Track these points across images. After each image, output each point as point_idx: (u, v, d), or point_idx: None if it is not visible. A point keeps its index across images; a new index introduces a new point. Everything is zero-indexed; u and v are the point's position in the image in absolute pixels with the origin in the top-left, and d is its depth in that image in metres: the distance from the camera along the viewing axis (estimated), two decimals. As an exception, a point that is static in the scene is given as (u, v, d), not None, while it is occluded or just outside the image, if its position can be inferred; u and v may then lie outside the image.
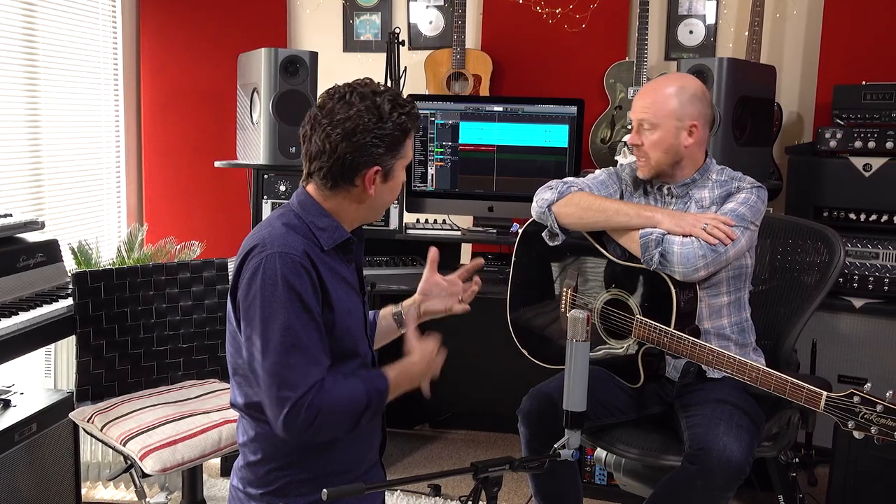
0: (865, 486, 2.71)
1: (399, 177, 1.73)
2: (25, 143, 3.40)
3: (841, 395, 1.90)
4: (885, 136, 3.14)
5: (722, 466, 2.05)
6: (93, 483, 3.16)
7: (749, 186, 2.32)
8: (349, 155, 1.63)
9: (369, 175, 1.66)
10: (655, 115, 2.29)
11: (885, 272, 3.13)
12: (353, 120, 1.62)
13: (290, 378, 1.56)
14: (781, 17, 3.81)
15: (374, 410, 1.67)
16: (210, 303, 2.82)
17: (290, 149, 3.37)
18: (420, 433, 3.76)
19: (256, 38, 3.96)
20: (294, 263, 1.59)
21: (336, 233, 1.70)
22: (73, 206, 3.71)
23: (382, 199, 1.74)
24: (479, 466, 1.58)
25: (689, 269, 2.18)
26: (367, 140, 1.62)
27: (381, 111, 1.63)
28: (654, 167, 2.34)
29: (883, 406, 1.85)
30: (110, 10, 3.96)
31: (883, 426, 1.85)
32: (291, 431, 1.57)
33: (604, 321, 2.37)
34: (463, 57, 3.85)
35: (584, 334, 1.71)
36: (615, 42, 3.90)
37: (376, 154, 1.64)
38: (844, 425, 1.90)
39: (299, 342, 1.58)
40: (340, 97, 1.64)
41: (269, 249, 1.61)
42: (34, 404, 2.60)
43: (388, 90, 1.67)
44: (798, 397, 1.98)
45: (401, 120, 1.66)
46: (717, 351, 2.12)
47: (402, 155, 1.70)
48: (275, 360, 1.57)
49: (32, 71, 3.44)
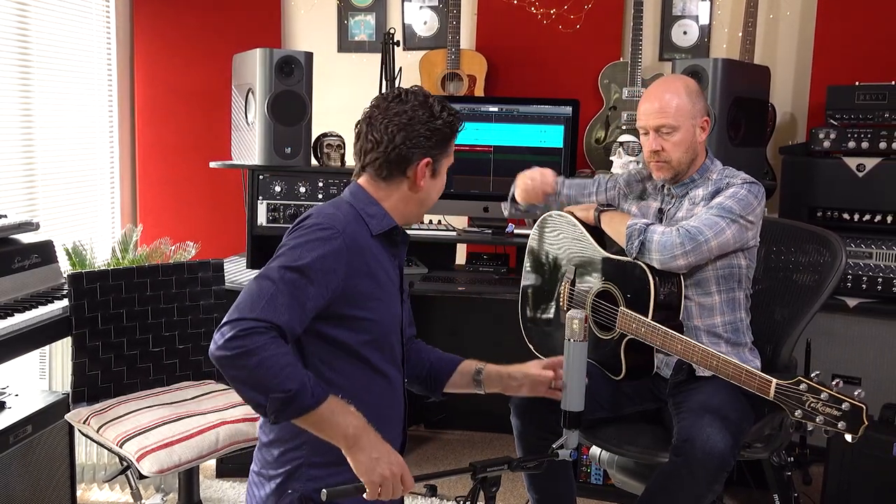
0: (859, 485, 2.73)
1: (443, 175, 1.83)
2: (19, 144, 3.39)
3: (789, 383, 1.89)
4: (879, 137, 3.16)
5: (705, 457, 2.06)
6: (88, 485, 3.15)
7: (740, 182, 2.34)
8: (404, 145, 1.73)
9: (421, 166, 1.75)
10: (675, 118, 2.31)
11: (879, 272, 3.14)
12: (408, 114, 1.73)
13: (262, 304, 1.56)
14: (775, 18, 3.83)
15: (286, 403, 1.52)
16: (206, 303, 2.81)
17: (285, 149, 3.37)
18: (415, 433, 3.76)
19: (250, 38, 3.95)
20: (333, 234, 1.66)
21: (384, 220, 1.76)
22: (67, 207, 3.70)
23: (430, 195, 1.82)
24: (478, 466, 1.58)
25: (667, 255, 2.22)
26: (422, 131, 1.73)
27: (433, 109, 1.75)
28: (675, 168, 2.36)
29: (828, 395, 1.82)
30: (104, 10, 3.95)
31: (828, 415, 1.82)
32: (218, 341, 1.54)
33: (595, 314, 2.41)
34: (458, 57, 3.85)
35: (581, 334, 1.71)
36: (609, 43, 3.91)
37: (428, 146, 1.75)
38: (793, 414, 1.88)
39: (295, 285, 1.59)
40: (395, 97, 1.76)
41: (316, 218, 1.70)
42: (29, 406, 2.59)
43: (435, 96, 1.79)
44: (752, 385, 2.00)
45: (450, 119, 1.77)
46: (685, 340, 2.15)
47: (448, 153, 1.81)
48: (258, 285, 1.60)
49: (26, 71, 3.43)
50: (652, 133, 2.34)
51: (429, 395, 1.99)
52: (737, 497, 3.09)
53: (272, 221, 3.43)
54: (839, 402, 1.82)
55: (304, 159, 3.43)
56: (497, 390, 1.95)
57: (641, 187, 2.53)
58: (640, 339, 2.23)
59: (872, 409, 2.75)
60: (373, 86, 3.62)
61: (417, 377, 1.98)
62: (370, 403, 1.69)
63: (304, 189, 3.42)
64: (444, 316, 3.71)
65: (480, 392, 1.95)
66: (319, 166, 3.54)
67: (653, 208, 2.47)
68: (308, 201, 3.42)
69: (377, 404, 1.74)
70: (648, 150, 2.37)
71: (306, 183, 3.41)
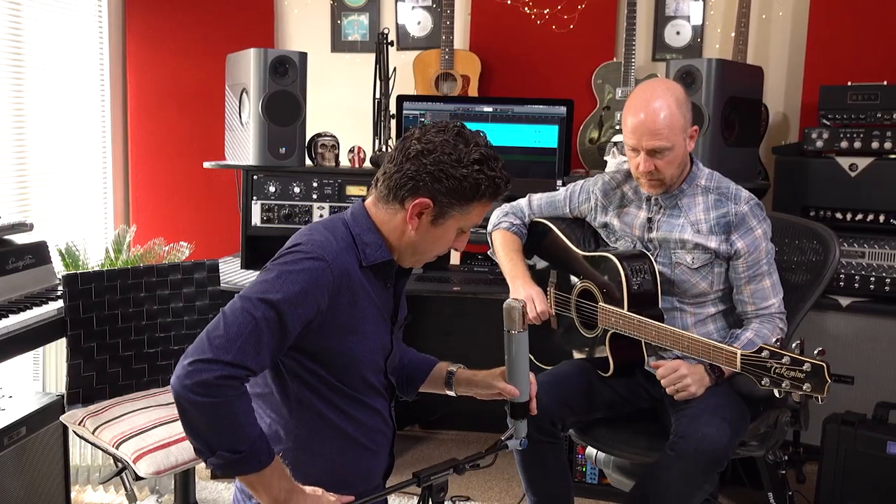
0: (853, 483, 2.74)
1: (449, 233, 1.64)
2: (11, 144, 3.37)
3: (752, 352, 1.93)
4: (871, 137, 3.17)
5: (699, 452, 2.08)
6: (82, 486, 3.14)
7: (748, 209, 2.31)
8: (411, 172, 1.58)
9: (417, 204, 1.58)
10: (668, 138, 2.21)
11: (872, 271, 3.16)
12: (434, 144, 1.57)
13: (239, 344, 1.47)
14: (767, 19, 3.85)
15: (231, 463, 1.48)
16: (201, 304, 2.81)
17: (279, 149, 3.36)
18: (411, 434, 3.76)
19: (243, 38, 3.95)
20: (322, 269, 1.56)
21: (378, 252, 1.64)
22: (60, 208, 3.68)
23: (423, 243, 1.65)
24: (422, 476, 1.55)
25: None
26: (433, 169, 1.56)
27: (464, 155, 1.57)
28: (669, 183, 2.32)
29: (790, 358, 1.86)
30: (96, 10, 3.94)
31: (793, 379, 1.85)
32: (185, 379, 1.44)
33: (579, 313, 2.42)
34: (451, 57, 3.85)
35: (520, 325, 1.65)
36: (603, 43, 3.92)
37: (436, 189, 1.57)
38: (760, 382, 1.92)
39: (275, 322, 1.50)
40: (442, 127, 1.61)
41: (307, 246, 1.58)
42: (23, 408, 2.57)
43: (487, 147, 1.60)
44: (719, 359, 2.05)
45: (478, 177, 1.57)
46: (656, 325, 2.18)
47: (464, 211, 1.61)
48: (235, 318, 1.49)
49: (18, 71, 3.41)
50: (643, 154, 2.24)
51: (402, 395, 1.94)
52: (732, 496, 3.11)
53: (266, 222, 3.43)
54: (800, 364, 1.86)
55: (298, 159, 3.43)
56: (468, 394, 1.87)
57: (619, 194, 2.46)
58: (620, 331, 2.25)
59: (866, 407, 2.79)
60: (367, 86, 3.62)
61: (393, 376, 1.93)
62: (349, 434, 1.68)
63: (298, 189, 3.41)
64: (438, 316, 3.71)
65: (452, 395, 1.89)
66: (314, 166, 3.53)
67: (640, 218, 2.41)
68: (302, 201, 3.41)
69: (358, 434, 1.70)
70: (640, 170, 2.27)
71: (300, 183, 3.41)
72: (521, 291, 2.40)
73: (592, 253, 2.39)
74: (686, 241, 2.32)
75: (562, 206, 2.58)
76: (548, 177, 3.36)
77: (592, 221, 2.54)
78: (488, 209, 1.65)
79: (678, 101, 2.24)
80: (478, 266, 3.48)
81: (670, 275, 2.34)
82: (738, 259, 2.30)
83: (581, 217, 2.57)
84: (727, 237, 2.30)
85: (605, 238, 2.51)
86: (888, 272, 3.14)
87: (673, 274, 2.34)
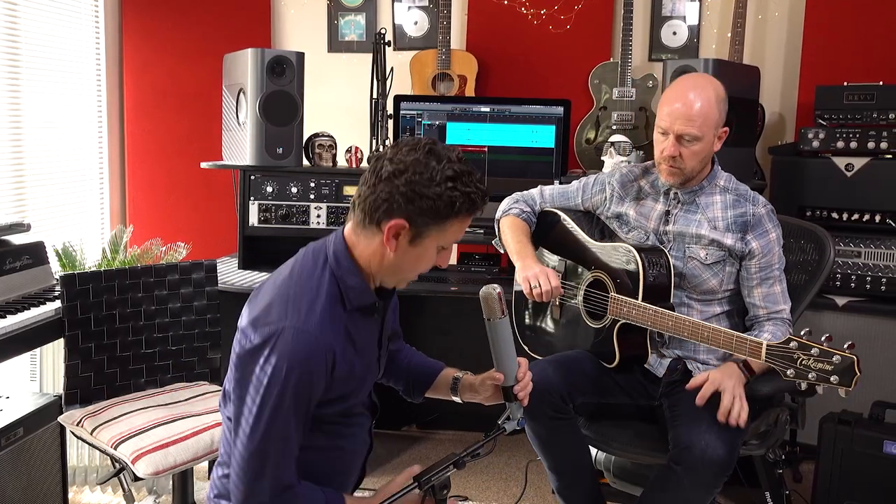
0: (850, 481, 2.75)
1: (429, 251, 1.60)
2: (8, 145, 3.37)
3: (779, 343, 1.93)
4: (867, 137, 3.19)
5: (706, 464, 2.07)
6: (79, 487, 3.14)
7: (765, 213, 2.34)
8: (384, 194, 1.53)
9: (392, 226, 1.54)
10: (701, 128, 2.22)
11: (868, 271, 3.17)
12: (405, 164, 1.53)
13: (268, 468, 1.52)
14: (763, 19, 3.86)
15: None
16: (199, 304, 2.80)
17: (276, 149, 3.36)
18: (408, 434, 3.76)
19: (240, 38, 3.94)
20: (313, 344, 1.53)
21: (363, 296, 1.62)
22: (56, 208, 3.68)
23: (403, 264, 1.61)
24: (422, 480, 1.55)
25: None
26: (406, 190, 1.52)
27: (436, 173, 1.53)
28: (687, 175, 2.32)
29: (819, 349, 1.86)
30: (93, 10, 3.93)
31: (820, 371, 1.85)
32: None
33: (587, 303, 2.42)
34: (448, 58, 3.85)
35: (500, 312, 1.64)
36: (599, 43, 3.93)
37: (409, 210, 1.53)
38: (785, 374, 1.92)
39: (289, 432, 1.53)
40: (413, 145, 1.56)
41: (288, 324, 1.53)
42: (20, 409, 2.57)
43: (461, 163, 1.56)
44: (742, 350, 2.04)
45: (451, 194, 1.53)
46: (676, 316, 2.17)
47: (441, 229, 1.57)
48: (258, 447, 1.52)
49: (15, 71, 3.40)
50: (672, 138, 2.25)
51: (409, 398, 1.95)
52: (729, 495, 3.11)
53: (264, 222, 3.43)
54: (830, 356, 1.85)
55: (295, 159, 3.43)
56: (473, 400, 1.86)
57: (636, 187, 2.48)
58: (631, 321, 2.24)
59: (862, 407, 2.80)
60: (364, 86, 3.63)
61: (398, 379, 1.95)
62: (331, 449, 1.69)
63: (295, 189, 3.41)
64: (436, 315, 3.71)
65: (458, 401, 1.87)
66: (311, 166, 3.53)
67: (657, 211, 2.42)
68: (299, 202, 3.41)
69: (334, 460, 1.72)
70: (664, 154, 2.28)
71: (298, 183, 3.41)
72: (532, 268, 2.38)
73: (607, 243, 2.38)
74: (702, 236, 2.33)
75: (574, 197, 2.59)
76: (545, 177, 3.35)
77: (605, 212, 2.53)
78: (468, 224, 1.63)
79: (718, 96, 2.27)
80: (475, 266, 3.49)
81: (682, 268, 2.34)
82: (751, 259, 2.32)
83: (591, 210, 2.57)
84: (743, 236, 2.32)
85: (617, 229, 2.50)
86: (884, 272, 3.15)
87: (685, 268, 2.34)
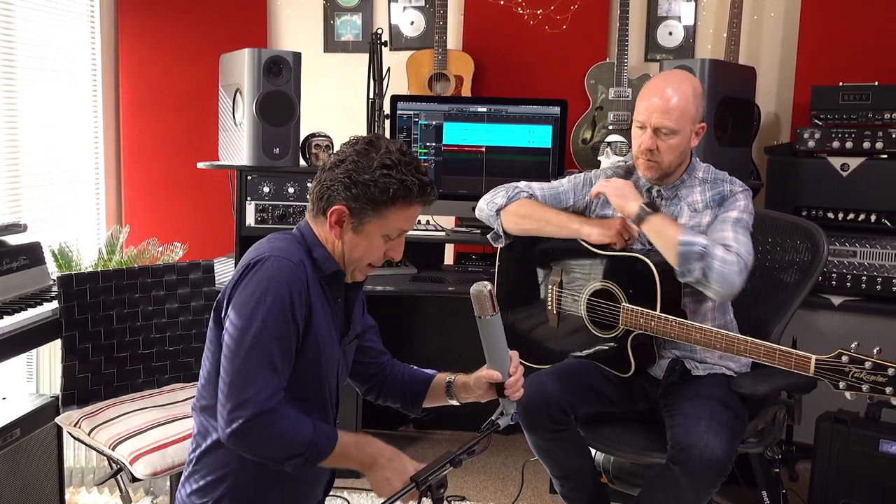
0: (846, 481, 2.75)
1: (373, 239, 1.68)
2: (3, 145, 3.36)
3: (830, 357, 1.94)
4: (862, 137, 3.19)
5: (703, 464, 2.07)
6: (76, 488, 3.13)
7: (741, 190, 2.36)
8: (327, 183, 1.66)
9: (334, 211, 1.65)
10: (677, 121, 2.27)
11: (863, 270, 3.19)
12: (343, 154, 1.65)
13: (252, 382, 1.56)
14: (759, 19, 3.87)
15: (306, 461, 1.61)
16: (196, 305, 2.80)
17: (273, 149, 3.35)
18: (405, 434, 3.76)
19: (236, 38, 3.94)
20: (293, 269, 1.62)
21: (327, 263, 1.70)
22: (52, 208, 3.67)
23: (353, 252, 1.70)
24: (419, 480, 1.55)
25: (726, 290, 2.17)
26: (342, 177, 1.63)
27: (373, 162, 1.62)
28: (665, 170, 2.35)
29: (872, 363, 1.88)
30: (88, 10, 3.92)
31: (874, 383, 1.87)
32: (234, 433, 1.55)
33: (590, 313, 2.40)
34: (445, 58, 3.86)
35: (491, 309, 1.66)
36: (595, 43, 3.93)
37: (347, 196, 1.63)
38: (836, 387, 1.93)
39: (272, 351, 1.58)
40: (358, 139, 1.67)
41: (270, 254, 1.64)
42: (17, 409, 2.56)
43: (401, 153, 1.64)
44: (788, 364, 2.02)
45: (385, 181, 1.61)
46: (705, 328, 2.16)
47: (380, 216, 1.65)
48: (244, 359, 1.57)
49: (10, 71, 3.39)
50: (650, 131, 2.29)
51: (408, 412, 1.96)
52: (726, 494, 3.12)
53: (260, 222, 3.42)
54: (884, 369, 1.87)
55: (292, 160, 3.42)
56: (469, 399, 1.87)
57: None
58: (649, 332, 2.23)
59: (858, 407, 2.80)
60: (360, 86, 3.62)
61: (395, 396, 1.96)
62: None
63: (292, 189, 3.41)
64: (432, 316, 3.71)
65: (456, 403, 1.90)
66: (308, 167, 3.52)
67: None
68: (296, 202, 3.41)
69: None
70: (641, 147, 2.31)
71: (294, 183, 3.40)
72: (598, 227, 2.35)
73: (617, 253, 2.35)
74: (683, 224, 2.33)
75: (565, 198, 2.55)
76: (541, 177, 3.34)
77: (592, 214, 2.53)
78: (412, 214, 1.68)
79: (695, 91, 2.31)
80: (472, 266, 3.49)
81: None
82: None
83: (580, 210, 2.56)
84: (717, 210, 2.35)
85: None
86: (879, 271, 3.16)
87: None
